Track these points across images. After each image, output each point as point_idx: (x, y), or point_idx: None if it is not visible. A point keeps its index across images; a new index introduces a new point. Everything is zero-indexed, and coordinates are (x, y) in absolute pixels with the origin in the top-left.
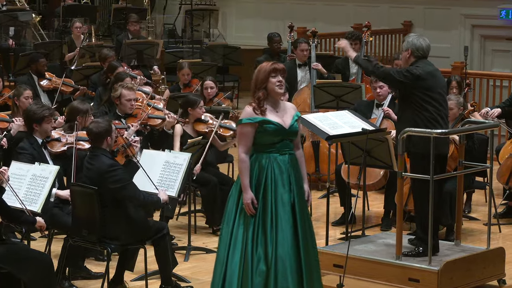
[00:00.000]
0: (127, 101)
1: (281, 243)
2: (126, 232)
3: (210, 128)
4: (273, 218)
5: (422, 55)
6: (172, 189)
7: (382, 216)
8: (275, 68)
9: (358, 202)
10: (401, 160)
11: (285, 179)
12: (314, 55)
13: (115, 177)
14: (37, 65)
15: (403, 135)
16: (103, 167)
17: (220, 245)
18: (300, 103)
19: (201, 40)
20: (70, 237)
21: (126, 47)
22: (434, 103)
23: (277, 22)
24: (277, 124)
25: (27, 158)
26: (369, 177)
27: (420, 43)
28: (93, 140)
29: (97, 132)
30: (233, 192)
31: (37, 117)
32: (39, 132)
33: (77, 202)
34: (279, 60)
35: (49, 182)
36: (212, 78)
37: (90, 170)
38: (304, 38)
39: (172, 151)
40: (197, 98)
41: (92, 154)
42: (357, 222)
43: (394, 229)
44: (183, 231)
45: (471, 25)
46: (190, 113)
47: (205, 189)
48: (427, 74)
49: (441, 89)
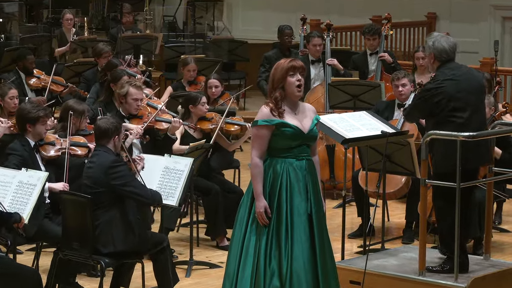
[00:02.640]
0: (134, 101)
1: (297, 256)
2: (122, 240)
3: (215, 125)
4: (288, 229)
5: (446, 59)
6: (172, 198)
7: (403, 227)
8: (293, 65)
9: (377, 212)
10: (425, 166)
11: (302, 186)
12: (329, 51)
13: (119, 173)
14: (25, 62)
15: (427, 138)
16: (106, 163)
17: (230, 258)
18: (313, 103)
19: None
20: (60, 251)
21: (121, 41)
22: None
23: (288, 14)
24: (295, 127)
25: (18, 160)
26: (389, 185)
27: (442, 45)
28: (99, 137)
29: (105, 128)
30: (245, 199)
31: (31, 117)
32: (32, 134)
33: (67, 211)
34: (290, 56)
35: (37, 189)
36: (217, 76)
37: (91, 168)
38: (317, 31)
39: (173, 155)
40: (198, 94)
41: (95, 152)
42: (376, 234)
43: (417, 242)
44: (185, 244)
45: (502, 17)
46: (192, 111)
47: (207, 198)
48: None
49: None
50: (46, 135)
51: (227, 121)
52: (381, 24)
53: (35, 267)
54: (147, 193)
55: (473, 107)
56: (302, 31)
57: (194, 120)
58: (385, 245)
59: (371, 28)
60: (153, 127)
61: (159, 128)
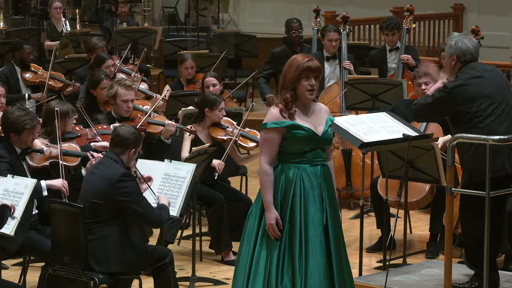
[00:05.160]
0: (123, 102)
1: (312, 272)
2: (118, 261)
3: (229, 136)
4: (302, 242)
5: (470, 59)
6: (173, 207)
7: (427, 240)
8: (309, 67)
9: (398, 223)
10: (451, 173)
11: (317, 195)
12: (345, 46)
13: (127, 188)
14: (22, 53)
15: (453, 142)
16: (115, 175)
17: (237, 274)
18: (328, 104)
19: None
20: (49, 265)
21: (116, 35)
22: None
23: (300, 5)
24: (308, 129)
25: (5, 166)
26: (411, 193)
27: (466, 45)
28: (115, 144)
29: (124, 137)
30: (254, 210)
31: (16, 128)
32: (17, 142)
33: (57, 222)
34: (301, 52)
35: (24, 198)
36: (215, 74)
37: (96, 176)
38: (333, 25)
39: (173, 161)
40: (217, 98)
41: (104, 159)
42: (397, 248)
43: (442, 256)
44: (186, 258)
45: None
46: (207, 115)
47: (211, 208)
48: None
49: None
50: (34, 142)
51: (243, 134)
52: (403, 17)
53: (22, 283)
54: (153, 215)
55: (502, 107)
56: (315, 25)
57: (206, 125)
58: (407, 259)
59: (389, 23)
60: (145, 130)
61: (152, 131)
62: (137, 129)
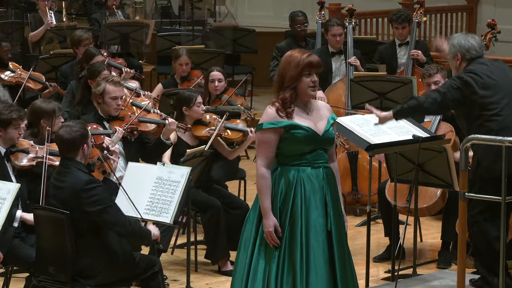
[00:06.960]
0: (112, 100)
1: (314, 282)
2: (105, 268)
3: (212, 131)
4: (303, 250)
5: (476, 55)
6: (166, 214)
7: (438, 249)
8: (310, 62)
9: (407, 231)
10: (464, 177)
11: (319, 199)
12: (351, 40)
13: (93, 197)
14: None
15: (467, 144)
16: (78, 185)
17: (234, 285)
18: (333, 102)
19: (204, 20)
20: (33, 276)
21: (106, 29)
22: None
23: None
24: (308, 129)
25: None
26: (422, 199)
27: (469, 42)
28: (64, 150)
29: (69, 139)
30: (251, 216)
31: (2, 120)
32: (3, 139)
33: (42, 230)
34: (306, 47)
35: (6, 204)
36: (220, 69)
37: (60, 190)
38: (338, 18)
39: (166, 164)
40: (193, 94)
41: (62, 169)
42: (407, 257)
43: (455, 266)
44: (181, 268)
45: None
46: (186, 113)
47: (206, 215)
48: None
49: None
50: (20, 141)
51: (227, 126)
52: (413, 9)
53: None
54: (124, 223)
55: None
56: (319, 18)
57: (189, 124)
58: (417, 269)
59: (400, 15)
60: (137, 129)
61: (144, 130)
62: (81, 122)
